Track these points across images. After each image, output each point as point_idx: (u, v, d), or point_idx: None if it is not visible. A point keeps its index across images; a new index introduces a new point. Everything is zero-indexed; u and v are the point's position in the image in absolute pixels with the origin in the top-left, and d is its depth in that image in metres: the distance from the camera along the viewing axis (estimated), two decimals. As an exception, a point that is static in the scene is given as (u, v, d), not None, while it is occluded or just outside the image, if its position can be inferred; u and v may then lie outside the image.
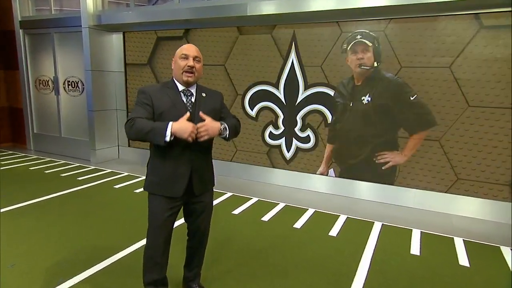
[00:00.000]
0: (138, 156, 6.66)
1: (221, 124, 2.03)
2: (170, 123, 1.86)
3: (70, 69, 6.77)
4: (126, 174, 5.73)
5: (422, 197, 4.48)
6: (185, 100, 2.05)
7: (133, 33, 6.30)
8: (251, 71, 5.37)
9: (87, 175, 5.62)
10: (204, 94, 2.12)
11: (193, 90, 2.09)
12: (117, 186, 5.05)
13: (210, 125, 1.95)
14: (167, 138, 1.85)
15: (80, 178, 5.40)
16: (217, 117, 2.14)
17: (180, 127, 1.85)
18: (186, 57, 2.02)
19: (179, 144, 1.98)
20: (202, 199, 2.18)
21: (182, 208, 2.21)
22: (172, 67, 2.11)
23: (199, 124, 1.92)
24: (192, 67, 2.02)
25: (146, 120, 1.92)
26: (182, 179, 2.04)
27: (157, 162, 2.05)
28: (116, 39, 6.49)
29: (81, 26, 6.14)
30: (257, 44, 5.26)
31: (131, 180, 5.39)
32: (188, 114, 1.92)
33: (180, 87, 2.07)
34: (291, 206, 4.42)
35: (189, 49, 2.03)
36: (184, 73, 2.02)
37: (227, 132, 2.07)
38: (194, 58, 2.04)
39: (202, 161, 2.12)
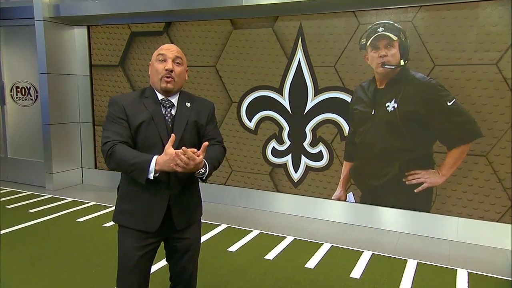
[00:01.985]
0: (108, 180, 6.60)
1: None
2: (155, 158, 1.86)
3: (19, 72, 6.73)
4: (92, 203, 5.67)
5: (467, 228, 4.44)
6: (164, 112, 2.06)
7: (101, 27, 6.30)
8: (248, 74, 5.38)
9: (41, 206, 5.54)
10: (188, 105, 2.12)
11: (174, 100, 2.10)
12: (80, 220, 4.99)
13: (195, 162, 1.84)
14: (151, 176, 1.86)
15: (32, 211, 5.33)
16: (196, 135, 2.12)
17: (163, 162, 1.85)
18: (163, 58, 2.03)
19: None
20: (186, 235, 2.16)
21: (162, 245, 2.21)
22: (149, 73, 2.12)
23: (180, 152, 1.82)
24: (171, 70, 2.02)
25: (127, 148, 1.92)
26: (158, 209, 2.04)
27: (129, 187, 2.06)
28: (79, 34, 6.48)
29: (33, 18, 6.11)
30: (255, 40, 5.29)
31: (98, 211, 5.33)
32: (173, 137, 1.87)
33: (159, 96, 2.08)
34: (301, 240, 4.40)
35: (168, 48, 2.05)
36: (162, 78, 2.03)
37: (206, 169, 1.98)
38: (174, 60, 2.04)
39: (185, 186, 2.11)
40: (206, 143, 1.91)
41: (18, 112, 6.84)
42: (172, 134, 1.89)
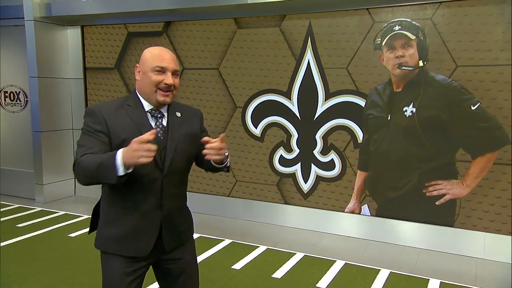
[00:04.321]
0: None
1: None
2: (120, 151, 1.75)
3: (8, 75, 6.74)
4: (85, 217, 5.66)
5: (494, 244, 4.38)
6: (153, 124, 2.02)
7: (96, 28, 6.31)
8: (254, 77, 5.38)
9: (31, 220, 5.53)
10: (179, 114, 2.10)
11: (164, 110, 2.07)
12: (72, 235, 4.98)
13: (223, 146, 1.92)
14: (120, 171, 1.73)
15: (20, 225, 5.32)
16: (190, 146, 2.12)
17: (127, 149, 1.73)
18: (162, 70, 1.97)
19: (143, 181, 1.93)
20: (177, 256, 2.14)
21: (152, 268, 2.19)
22: (137, 78, 2.05)
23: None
24: (171, 85, 1.98)
25: (90, 155, 1.83)
26: (150, 231, 2.01)
27: (115, 210, 2.02)
28: (72, 35, 6.51)
29: (23, 18, 6.14)
30: (261, 41, 5.29)
31: (91, 225, 5.27)
32: (153, 132, 1.76)
33: (147, 106, 2.02)
34: (312, 257, 4.39)
35: (164, 58, 1.98)
36: (158, 91, 1.98)
37: (229, 159, 2.09)
38: (174, 73, 2.00)
39: (176, 203, 2.10)
40: (223, 134, 1.93)
41: (6, 118, 6.84)
42: (152, 130, 1.79)
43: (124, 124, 1.94)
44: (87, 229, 4.70)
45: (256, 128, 5.45)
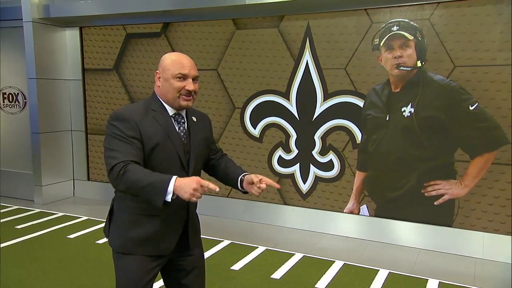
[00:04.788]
0: (101, 192, 6.58)
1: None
2: (174, 178, 1.77)
3: (6, 77, 6.73)
4: (84, 218, 5.66)
5: (493, 244, 4.38)
6: (177, 129, 2.07)
7: (94, 29, 6.31)
8: (252, 77, 5.39)
9: (29, 221, 5.51)
10: (195, 119, 2.17)
11: (184, 114, 2.13)
12: (71, 236, 4.97)
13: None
14: (168, 198, 1.76)
15: (19, 227, 5.30)
16: (205, 150, 2.22)
17: (181, 185, 1.75)
18: (184, 77, 2.01)
19: None
20: (193, 252, 2.20)
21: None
22: (157, 84, 2.06)
23: (263, 179, 2.04)
24: (192, 91, 2.02)
25: (141, 169, 1.85)
26: (175, 231, 2.07)
27: (138, 211, 2.01)
28: (70, 36, 6.50)
29: (22, 19, 6.13)
30: (259, 42, 5.29)
31: (91, 226, 5.32)
32: (216, 188, 1.77)
33: (171, 111, 2.07)
34: (311, 258, 4.38)
35: (186, 65, 2.01)
36: (181, 96, 2.02)
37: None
38: (194, 79, 2.04)
39: (196, 203, 2.15)
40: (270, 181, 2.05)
41: (5, 120, 6.84)
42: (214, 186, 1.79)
43: (154, 129, 1.97)
44: (86, 230, 4.66)
45: (254, 129, 5.45)
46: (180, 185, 1.73)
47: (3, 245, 4.63)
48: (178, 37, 5.72)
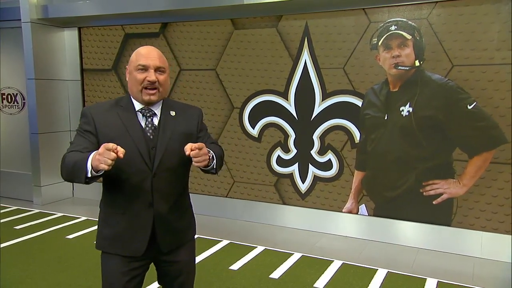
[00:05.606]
0: (100, 193, 6.47)
1: (208, 152, 1.96)
2: (92, 153, 1.79)
3: (5, 77, 6.74)
4: (83, 218, 5.66)
5: (492, 243, 4.38)
6: (143, 123, 2.01)
7: (93, 29, 6.32)
8: (251, 77, 5.39)
9: (28, 222, 5.52)
10: (173, 113, 2.09)
11: (157, 109, 2.06)
12: (70, 237, 4.97)
13: (202, 152, 1.87)
14: (89, 173, 1.78)
15: (17, 227, 5.30)
16: (184, 146, 2.09)
17: (95, 153, 1.75)
18: (144, 68, 1.97)
19: (132, 180, 1.95)
20: (175, 258, 2.13)
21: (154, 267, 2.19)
22: (127, 79, 2.05)
23: (193, 146, 1.84)
24: (154, 82, 1.96)
25: (75, 154, 1.87)
26: (142, 231, 2.00)
27: (108, 210, 2.05)
28: (69, 37, 6.51)
29: (20, 20, 6.13)
30: (258, 41, 5.30)
31: (90, 226, 5.30)
32: (122, 151, 1.71)
33: (137, 105, 2.04)
34: (309, 257, 4.38)
35: (148, 55, 1.98)
36: (143, 90, 1.98)
37: (214, 162, 2.03)
38: (157, 70, 1.98)
39: (170, 203, 2.06)
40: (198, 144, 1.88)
41: (4, 120, 6.84)
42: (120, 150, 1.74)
43: (113, 124, 1.97)
44: (85, 231, 4.67)
45: (253, 129, 5.45)
46: (93, 157, 1.74)
47: (2, 245, 4.63)
48: (177, 37, 5.72)
